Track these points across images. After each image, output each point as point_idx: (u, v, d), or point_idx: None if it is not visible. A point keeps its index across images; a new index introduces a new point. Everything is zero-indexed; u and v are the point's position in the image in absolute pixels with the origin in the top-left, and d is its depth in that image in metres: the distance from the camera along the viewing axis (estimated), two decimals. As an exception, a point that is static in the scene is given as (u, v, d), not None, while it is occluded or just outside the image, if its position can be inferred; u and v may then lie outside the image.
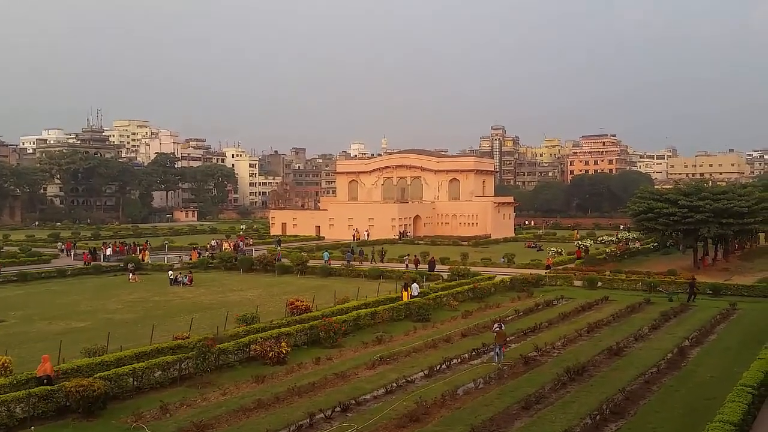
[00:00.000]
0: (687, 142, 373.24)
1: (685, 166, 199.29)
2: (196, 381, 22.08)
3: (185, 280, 45.70)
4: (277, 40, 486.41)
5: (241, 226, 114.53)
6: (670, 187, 67.80)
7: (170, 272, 48.31)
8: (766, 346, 23.32)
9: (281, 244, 72.95)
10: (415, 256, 56.57)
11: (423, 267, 52.95)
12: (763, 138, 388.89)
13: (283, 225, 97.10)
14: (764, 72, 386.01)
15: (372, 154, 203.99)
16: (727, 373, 22.79)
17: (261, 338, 25.21)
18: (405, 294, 36.47)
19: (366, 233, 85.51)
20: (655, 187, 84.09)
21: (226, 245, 69.39)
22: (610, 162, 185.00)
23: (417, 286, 38.06)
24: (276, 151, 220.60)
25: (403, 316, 33.48)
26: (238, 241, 72.63)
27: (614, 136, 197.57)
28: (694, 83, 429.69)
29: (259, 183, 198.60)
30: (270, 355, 24.26)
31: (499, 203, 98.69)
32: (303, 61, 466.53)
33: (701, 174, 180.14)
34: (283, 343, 24.89)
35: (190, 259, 59.14)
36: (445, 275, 46.94)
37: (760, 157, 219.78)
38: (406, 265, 54.70)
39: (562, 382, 21.34)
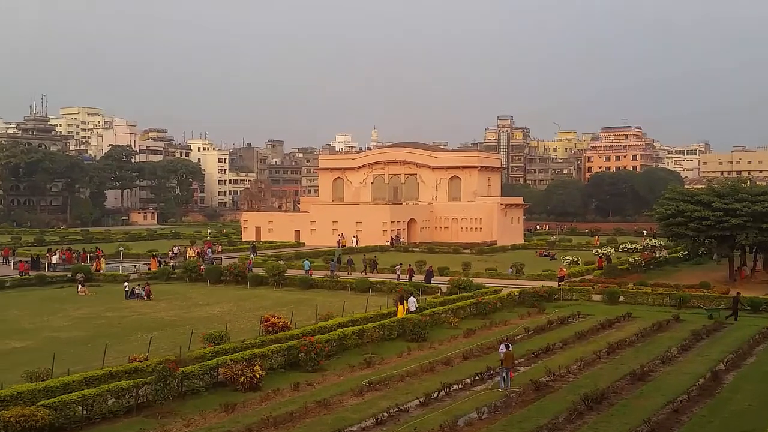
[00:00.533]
0: (722, 135, 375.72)
1: (720, 163, 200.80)
2: (155, 410, 21.99)
3: (143, 293, 45.60)
4: (254, 18, 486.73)
5: (209, 231, 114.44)
6: (703, 187, 68.33)
7: (126, 284, 48.16)
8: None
9: (256, 252, 72.92)
10: (409, 265, 56.62)
11: (419, 278, 53.02)
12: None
13: (257, 229, 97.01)
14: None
15: (360, 148, 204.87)
16: (767, 401, 22.91)
17: (231, 360, 25.17)
18: (400, 308, 36.57)
19: (354, 239, 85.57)
20: (686, 187, 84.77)
21: (190, 252, 69.25)
22: (634, 158, 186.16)
23: (414, 299, 38.20)
24: (249, 144, 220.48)
25: (395, 335, 33.50)
26: (204, 247, 72.48)
27: (638, 128, 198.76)
28: (731, 72, 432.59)
29: (230, 180, 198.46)
30: (241, 379, 24.23)
31: (506, 205, 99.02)
32: (281, 42, 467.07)
33: (738, 172, 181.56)
34: (256, 366, 24.87)
35: (149, 268, 58.95)
36: (444, 288, 46.99)
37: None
38: (398, 276, 54.79)
39: (578, 412, 21.40)
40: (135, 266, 61.19)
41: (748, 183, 67.56)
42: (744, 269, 57.58)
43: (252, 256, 67.32)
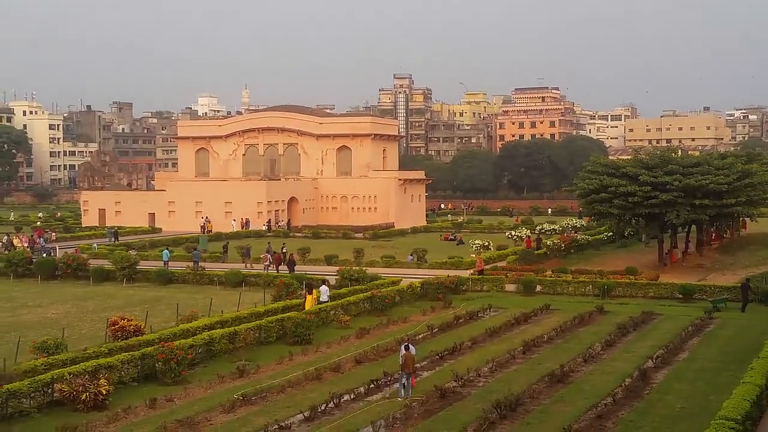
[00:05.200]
0: (651, 100, 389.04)
1: (648, 130, 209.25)
2: (-27, 439, 21.31)
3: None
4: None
5: (39, 215, 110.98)
6: (629, 157, 70.57)
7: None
8: (752, 367, 24.63)
9: (118, 238, 73.66)
10: (275, 252, 56.33)
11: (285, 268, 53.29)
12: (747, 96, 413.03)
13: (101, 212, 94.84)
14: (741, 22, 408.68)
15: (229, 112, 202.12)
16: (702, 403, 24.14)
17: (70, 374, 24.67)
18: (309, 299, 37.76)
19: (241, 221, 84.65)
20: (610, 157, 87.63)
21: (17, 242, 67.26)
22: (552, 124, 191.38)
23: (327, 288, 39.64)
24: (89, 107, 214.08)
25: (274, 337, 33.52)
26: (34, 235, 70.48)
27: (557, 89, 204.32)
28: (661, 34, 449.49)
29: (65, 152, 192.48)
30: (83, 397, 23.81)
31: (405, 180, 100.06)
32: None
33: (668, 140, 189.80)
34: (102, 380, 24.48)
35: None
36: (332, 280, 47.09)
37: (743, 117, 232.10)
38: (266, 265, 54.50)
39: (489, 421, 21.90)
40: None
41: (679, 153, 70.48)
42: (675, 252, 59.96)
43: (94, 246, 65.87)
